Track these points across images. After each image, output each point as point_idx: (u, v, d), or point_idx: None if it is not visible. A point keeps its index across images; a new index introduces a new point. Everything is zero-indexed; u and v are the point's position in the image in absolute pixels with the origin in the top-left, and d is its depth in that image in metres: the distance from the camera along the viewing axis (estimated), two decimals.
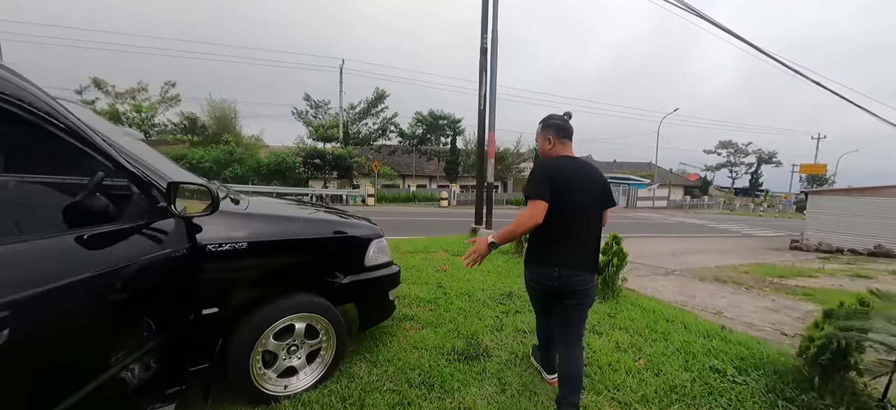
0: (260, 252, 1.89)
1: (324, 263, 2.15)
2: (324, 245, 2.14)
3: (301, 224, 2.10)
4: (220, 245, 1.77)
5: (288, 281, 2.03)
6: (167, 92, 24.31)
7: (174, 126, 24.36)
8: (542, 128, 1.96)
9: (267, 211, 2.08)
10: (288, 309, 1.99)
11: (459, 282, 4.03)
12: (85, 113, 1.63)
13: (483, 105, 6.46)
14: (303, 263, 2.09)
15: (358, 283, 2.27)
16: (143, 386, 1.51)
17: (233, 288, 1.84)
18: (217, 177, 18.71)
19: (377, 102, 29.70)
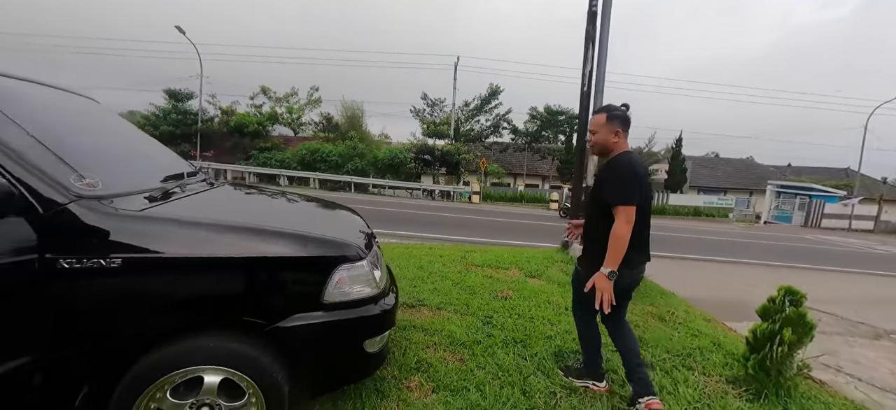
0: (139, 272, 1.31)
1: (243, 294, 1.46)
2: (243, 267, 1.44)
3: (213, 234, 1.44)
4: (81, 260, 1.23)
5: (183, 317, 1.40)
6: (312, 95, 28.29)
7: (316, 124, 28.23)
8: (608, 118, 1.87)
9: (177, 215, 1.48)
10: (184, 356, 1.37)
11: (518, 319, 2.96)
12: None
13: (588, 85, 5.05)
14: (207, 293, 1.43)
15: (308, 329, 1.51)
16: None
17: (95, 320, 1.29)
18: (341, 169, 20.83)
19: (491, 98, 29.13)
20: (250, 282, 1.45)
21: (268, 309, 1.48)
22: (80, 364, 1.30)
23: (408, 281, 3.62)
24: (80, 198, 1.29)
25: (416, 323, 2.73)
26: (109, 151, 1.77)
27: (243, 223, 1.53)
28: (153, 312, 1.36)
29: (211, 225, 1.45)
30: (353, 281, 1.63)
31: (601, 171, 1.93)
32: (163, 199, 1.57)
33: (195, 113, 22.44)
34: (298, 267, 1.52)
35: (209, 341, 1.41)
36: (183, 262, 1.36)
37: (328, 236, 1.63)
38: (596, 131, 1.90)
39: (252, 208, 1.93)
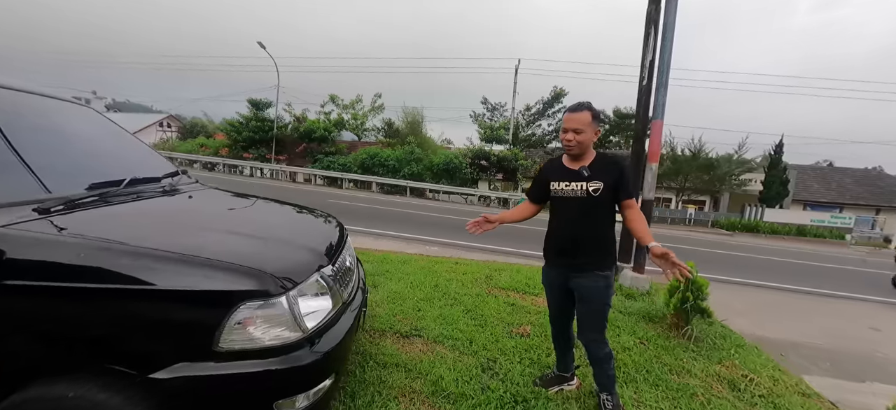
0: None
1: (107, 334, 1.16)
2: (107, 298, 1.14)
3: (76, 255, 1.15)
4: None
5: (34, 357, 1.14)
6: (375, 102, 29.38)
7: (378, 130, 29.26)
8: (594, 118, 1.85)
9: (44, 232, 1.22)
10: (39, 404, 1.12)
11: (529, 367, 2.38)
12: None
13: (647, 77, 4.20)
14: (63, 330, 1.14)
15: (194, 383, 1.18)
16: None
17: None
18: (397, 173, 21.21)
19: (554, 102, 27.83)
20: (116, 319, 1.15)
21: (139, 355, 1.16)
22: None
23: (414, 303, 3.21)
24: None
25: (403, 359, 2.31)
26: (50, 158, 1.61)
27: (126, 242, 1.23)
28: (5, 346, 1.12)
29: (78, 245, 1.18)
30: (264, 323, 1.26)
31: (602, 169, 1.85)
32: (62, 211, 1.35)
33: (273, 120, 24.52)
34: (182, 303, 1.19)
35: (68, 390, 1.13)
36: (28, 290, 1.10)
37: (230, 261, 1.28)
38: (583, 130, 1.82)
39: (179, 219, 1.67)
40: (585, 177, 1.83)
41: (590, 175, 1.83)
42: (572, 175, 1.87)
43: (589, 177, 1.82)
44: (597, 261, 1.86)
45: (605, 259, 1.89)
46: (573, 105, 1.87)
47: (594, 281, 1.86)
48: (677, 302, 2.97)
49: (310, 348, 1.36)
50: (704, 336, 2.96)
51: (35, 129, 1.70)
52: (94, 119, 2.30)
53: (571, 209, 1.87)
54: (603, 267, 1.87)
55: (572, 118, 1.82)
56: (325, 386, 1.45)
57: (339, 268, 1.79)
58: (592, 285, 1.86)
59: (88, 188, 1.57)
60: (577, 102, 1.87)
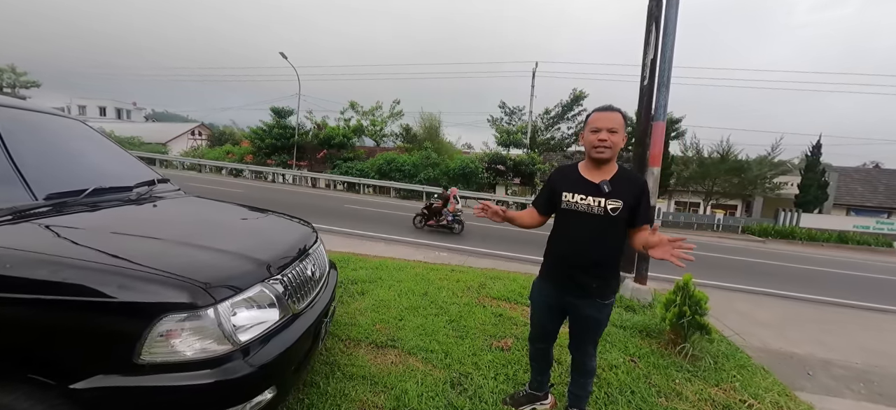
0: None
1: (27, 343, 1.17)
2: (25, 307, 1.15)
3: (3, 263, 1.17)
4: None
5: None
6: (394, 108, 29.74)
7: (396, 135, 29.57)
8: (625, 120, 1.67)
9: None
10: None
11: (504, 384, 2.27)
12: None
13: (648, 78, 4.00)
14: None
15: (112, 395, 1.17)
16: None
17: None
18: (414, 178, 21.34)
19: (573, 105, 27.30)
20: (34, 328, 1.16)
21: (58, 365, 1.16)
22: None
23: (398, 311, 3.15)
24: None
25: (372, 371, 2.25)
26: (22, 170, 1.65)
27: (56, 252, 1.24)
28: None
29: (8, 256, 1.19)
30: (189, 335, 1.24)
31: (623, 186, 1.65)
32: (9, 221, 1.38)
33: (294, 127, 25.25)
34: (101, 312, 1.18)
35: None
36: None
37: (156, 270, 1.26)
38: (618, 130, 1.62)
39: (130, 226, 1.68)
40: (606, 193, 1.62)
41: (611, 191, 1.62)
42: (590, 188, 1.66)
43: (610, 194, 1.62)
44: (603, 288, 1.70)
45: (612, 286, 1.74)
46: (604, 105, 1.67)
47: (598, 310, 1.72)
48: (673, 317, 2.78)
49: (243, 360, 1.33)
50: (703, 354, 2.74)
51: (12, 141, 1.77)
52: (82, 132, 2.38)
53: (584, 227, 1.66)
54: (608, 295, 1.72)
55: (607, 117, 1.62)
56: (264, 400, 1.42)
57: (295, 278, 1.76)
58: (595, 315, 1.73)
59: (46, 198, 1.62)
60: (608, 104, 1.67)
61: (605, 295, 1.71)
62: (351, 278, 3.93)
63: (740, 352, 3.05)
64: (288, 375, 1.59)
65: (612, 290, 1.74)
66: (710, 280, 6.21)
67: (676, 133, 22.92)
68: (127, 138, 29.34)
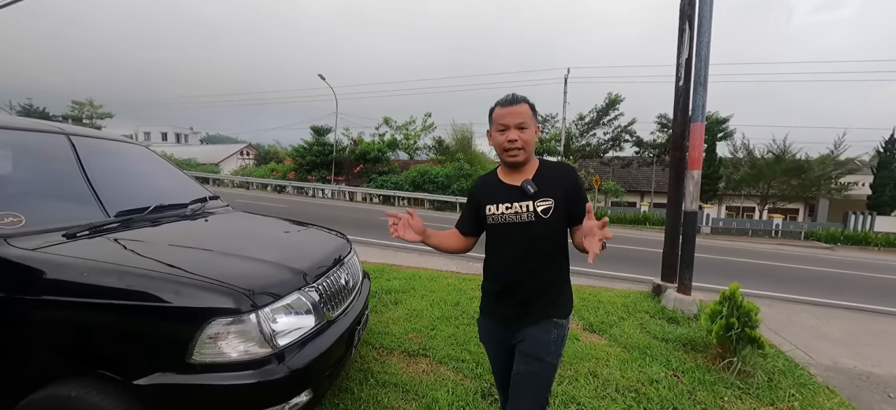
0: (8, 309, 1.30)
1: (96, 344, 1.33)
2: (95, 312, 1.31)
3: (81, 275, 1.34)
4: None
5: (44, 361, 1.34)
6: (426, 121, 30.28)
7: (429, 148, 30.04)
8: (533, 111, 1.41)
9: (67, 254, 1.42)
10: (39, 403, 1.31)
11: None
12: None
13: (684, 78, 3.82)
14: (64, 338, 1.33)
15: (169, 391, 1.29)
16: None
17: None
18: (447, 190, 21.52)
19: (609, 109, 26.41)
20: (103, 330, 1.31)
21: (123, 362, 1.31)
22: None
23: (430, 321, 3.19)
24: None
25: (404, 378, 2.30)
26: (76, 189, 1.87)
27: (122, 263, 1.41)
28: (22, 351, 1.34)
29: (82, 266, 1.36)
30: (234, 338, 1.36)
31: (550, 181, 1.38)
32: (86, 236, 1.59)
33: (332, 144, 26.41)
34: (159, 317, 1.32)
35: (71, 390, 1.30)
36: (37, 303, 1.31)
37: (207, 279, 1.39)
38: (527, 125, 1.35)
39: (184, 240, 1.85)
40: (531, 195, 1.34)
41: (536, 190, 1.34)
42: (512, 193, 1.38)
43: (536, 194, 1.34)
44: (550, 306, 1.38)
45: (562, 301, 1.42)
46: (507, 97, 1.38)
47: (544, 331, 1.37)
48: (720, 329, 2.61)
49: (282, 363, 1.42)
50: (756, 370, 2.54)
51: (102, 169, 2.04)
52: (146, 155, 2.66)
53: (515, 240, 1.37)
54: (559, 313, 1.39)
55: (512, 112, 1.34)
56: (301, 402, 1.50)
57: (330, 287, 1.86)
58: (542, 337, 1.37)
59: (116, 215, 1.83)
60: (509, 94, 1.39)
61: (555, 311, 1.39)
62: (385, 288, 4.03)
63: (800, 369, 2.79)
64: (322, 379, 1.67)
65: (563, 308, 1.41)
66: (766, 291, 5.73)
67: (723, 133, 21.53)
68: (184, 160, 31.93)
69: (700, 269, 4.45)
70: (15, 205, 1.54)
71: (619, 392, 2.27)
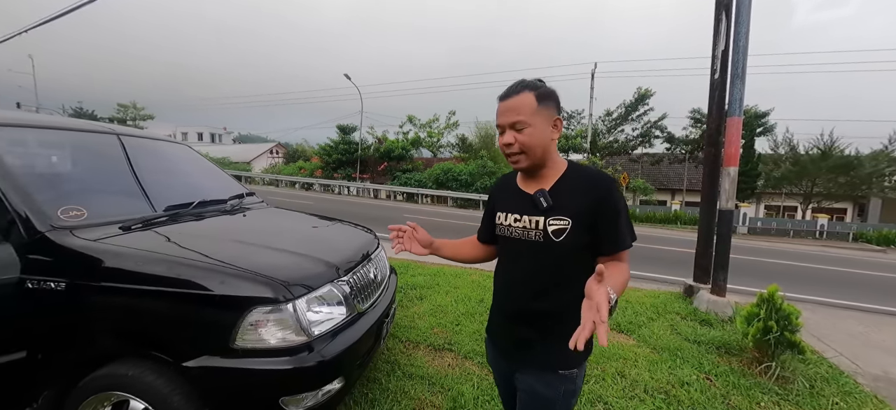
0: (72, 295, 1.43)
1: (150, 328, 1.43)
2: (149, 299, 1.41)
3: (136, 264, 1.45)
4: (40, 282, 1.42)
5: (105, 342, 1.46)
6: (449, 119, 30.33)
7: (452, 146, 30.09)
8: (540, 99, 1.04)
9: (123, 245, 1.54)
10: (102, 380, 1.44)
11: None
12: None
13: (720, 71, 3.66)
14: (121, 321, 1.45)
15: (215, 374, 1.39)
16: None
17: (40, 334, 1.47)
18: (470, 187, 21.51)
19: (638, 104, 25.59)
20: (156, 315, 1.42)
21: (173, 345, 1.41)
22: (41, 369, 1.48)
23: (455, 317, 3.23)
24: (53, 228, 1.49)
25: (430, 371, 2.35)
26: (147, 187, 2.03)
27: (171, 254, 1.52)
28: (87, 332, 1.46)
29: (138, 256, 1.48)
30: (273, 326, 1.44)
31: (572, 194, 1.05)
32: (139, 228, 1.72)
33: (357, 142, 26.93)
34: (206, 304, 1.41)
35: (128, 370, 1.42)
36: (100, 289, 1.43)
37: (249, 270, 1.48)
38: (526, 123, 1.02)
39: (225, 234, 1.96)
40: (543, 209, 1.05)
41: (551, 205, 1.05)
42: (524, 203, 1.11)
43: (549, 209, 1.05)
44: (556, 352, 1.06)
45: (567, 351, 0.92)
46: (508, 87, 1.08)
47: (547, 387, 1.08)
48: (757, 332, 2.50)
49: (317, 352, 1.50)
50: (795, 376, 2.42)
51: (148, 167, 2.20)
52: (188, 154, 2.84)
53: (520, 260, 1.12)
54: (567, 363, 1.07)
55: (506, 107, 1.05)
56: (333, 389, 1.57)
57: (360, 280, 1.93)
58: (544, 394, 1.09)
59: (165, 209, 1.96)
60: (512, 84, 1.08)
61: (559, 362, 1.07)
62: (410, 283, 4.10)
63: (845, 377, 2.63)
64: (353, 368, 1.74)
65: (570, 359, 1.07)
66: (809, 294, 5.42)
67: (763, 128, 20.39)
68: (219, 158, 33.40)
69: (735, 271, 4.26)
70: (77, 199, 1.69)
71: (648, 393, 2.23)
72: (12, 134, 1.79)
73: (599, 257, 1.04)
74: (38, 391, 1.53)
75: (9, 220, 1.47)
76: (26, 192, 1.54)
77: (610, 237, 1.03)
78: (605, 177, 1.06)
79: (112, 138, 2.16)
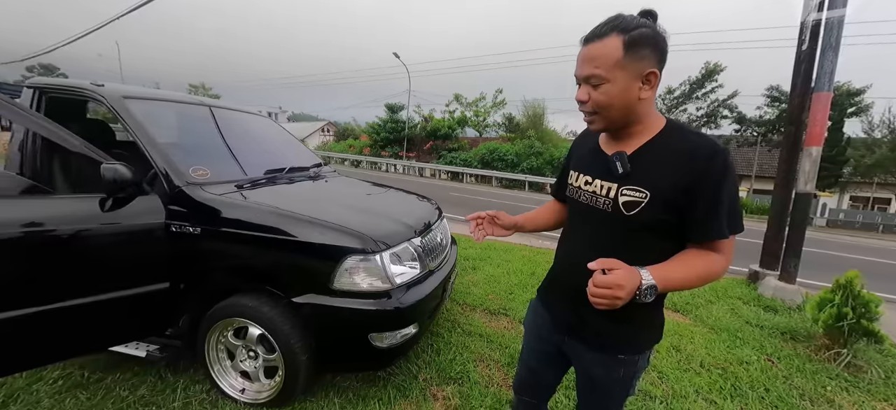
0: (206, 238, 1.75)
1: (267, 268, 1.72)
2: (267, 244, 1.69)
3: (256, 215, 1.74)
4: (182, 226, 1.76)
5: (232, 277, 1.80)
6: (496, 98, 29.84)
7: (499, 125, 29.69)
8: (629, 46, 0.82)
9: (241, 199, 1.85)
10: (228, 308, 1.77)
11: None
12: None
13: (808, 41, 3.35)
14: (245, 261, 1.75)
15: (315, 309, 1.66)
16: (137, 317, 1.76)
17: (180, 269, 1.80)
18: (516, 168, 21.25)
19: (705, 80, 23.49)
20: (272, 258, 1.71)
21: (285, 283, 1.70)
22: (181, 298, 1.83)
23: (508, 287, 3.39)
24: (188, 184, 1.82)
25: (487, 331, 2.54)
26: (243, 153, 2.37)
27: (281, 208, 1.79)
28: (217, 269, 1.79)
29: (257, 209, 1.77)
30: (363, 273, 1.68)
31: (660, 161, 0.88)
32: (249, 188, 2.03)
33: (405, 121, 27.45)
34: (309, 251, 1.67)
35: (249, 301, 1.73)
36: (226, 235, 1.73)
37: (343, 225, 1.72)
38: (604, 78, 0.84)
39: (316, 196, 2.23)
40: (618, 175, 0.91)
41: (628, 171, 0.90)
42: (600, 165, 0.97)
43: (624, 177, 0.90)
44: (620, 337, 0.97)
45: (640, 334, 0.98)
46: (597, 25, 0.87)
47: (609, 369, 1.00)
48: (829, 318, 2.40)
49: (395, 298, 1.72)
50: (870, 366, 2.31)
51: (241, 135, 2.54)
52: (271, 126, 3.18)
53: (586, 227, 1.00)
54: (630, 348, 0.99)
55: (582, 56, 0.88)
56: (410, 334, 1.80)
57: (429, 242, 2.14)
58: (606, 376, 1.01)
59: (265, 172, 2.28)
60: (609, 17, 0.87)
61: (627, 345, 0.98)
62: (463, 255, 4.31)
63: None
64: (424, 318, 1.96)
65: (638, 342, 0.99)
66: None
67: (857, 108, 17.96)
68: None
69: (806, 264, 3.96)
70: (200, 162, 2.02)
71: (704, 368, 2.26)
72: (150, 106, 2.16)
73: (688, 244, 0.89)
74: (178, 315, 1.90)
75: (153, 175, 1.81)
76: (166, 154, 1.87)
77: (699, 222, 0.85)
78: (709, 149, 0.84)
79: (223, 112, 2.53)
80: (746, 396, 2.04)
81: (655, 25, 0.86)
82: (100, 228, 1.62)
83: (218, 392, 1.85)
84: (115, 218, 1.66)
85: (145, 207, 1.73)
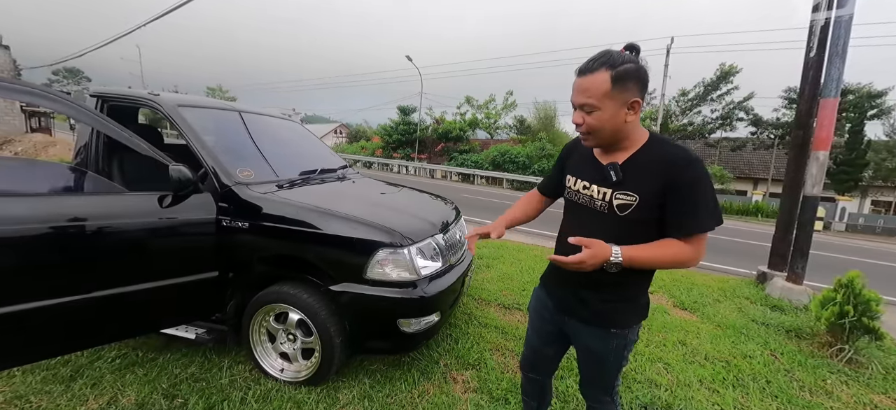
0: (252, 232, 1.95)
1: (307, 258, 1.92)
2: (307, 238, 1.89)
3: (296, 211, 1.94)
4: (231, 221, 1.96)
5: (275, 267, 2.00)
6: (507, 100, 29.93)
7: (510, 127, 29.76)
8: (616, 80, 1.00)
9: (283, 197, 2.05)
10: (271, 295, 1.97)
11: None
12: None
13: (816, 48, 3.42)
14: (286, 252, 1.95)
15: (350, 296, 1.85)
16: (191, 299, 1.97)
17: (228, 260, 1.99)
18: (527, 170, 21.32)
19: (719, 82, 23.23)
20: (312, 250, 1.90)
21: (322, 273, 1.90)
22: (228, 285, 2.04)
23: (521, 284, 3.55)
24: (237, 183, 2.03)
25: (502, 324, 2.71)
26: (277, 155, 2.59)
27: (320, 206, 1.99)
28: (261, 260, 2.00)
29: (297, 206, 1.98)
30: (393, 264, 1.87)
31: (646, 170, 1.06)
32: (288, 187, 2.23)
33: (416, 123, 27.75)
34: (345, 244, 1.87)
35: (290, 289, 1.94)
36: (271, 229, 1.93)
37: (375, 222, 1.91)
38: (595, 106, 1.03)
39: (346, 195, 2.43)
40: (613, 182, 1.09)
41: (620, 179, 1.08)
42: (596, 172, 1.15)
43: (619, 183, 1.08)
44: (611, 315, 1.18)
45: (621, 312, 1.18)
46: (588, 60, 1.05)
47: (603, 341, 1.20)
48: (831, 315, 2.50)
49: (420, 288, 1.91)
50: (870, 361, 2.41)
51: (274, 138, 2.76)
52: (298, 129, 3.40)
53: (584, 227, 1.15)
54: (621, 323, 1.18)
55: (577, 86, 1.06)
56: (433, 321, 1.98)
57: (450, 239, 2.32)
58: (601, 348, 1.22)
59: (300, 173, 2.49)
60: (597, 54, 1.04)
61: (618, 321, 1.18)
62: (478, 254, 4.47)
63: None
64: (446, 307, 2.13)
65: (627, 319, 1.18)
66: None
67: (878, 110, 17.57)
68: None
69: (820, 267, 4.02)
70: (244, 163, 2.24)
71: (708, 360, 2.39)
72: (199, 113, 2.39)
73: (666, 236, 1.06)
74: (226, 301, 2.11)
75: (204, 175, 2.03)
76: (215, 155, 2.09)
77: (676, 220, 1.03)
78: (683, 157, 1.02)
79: (253, 117, 2.75)
80: (748, 387, 2.17)
81: (638, 59, 1.03)
82: (160, 222, 1.84)
83: (260, 371, 2.06)
84: (174, 213, 1.87)
85: (199, 204, 1.95)
